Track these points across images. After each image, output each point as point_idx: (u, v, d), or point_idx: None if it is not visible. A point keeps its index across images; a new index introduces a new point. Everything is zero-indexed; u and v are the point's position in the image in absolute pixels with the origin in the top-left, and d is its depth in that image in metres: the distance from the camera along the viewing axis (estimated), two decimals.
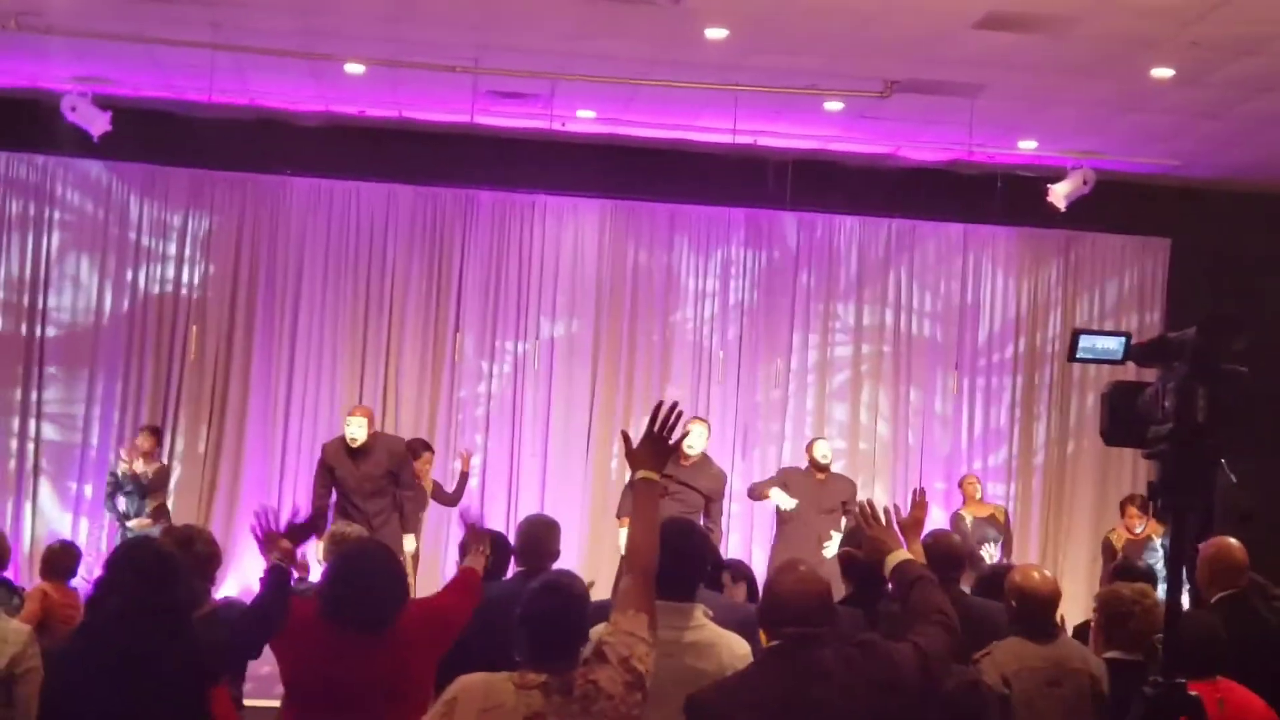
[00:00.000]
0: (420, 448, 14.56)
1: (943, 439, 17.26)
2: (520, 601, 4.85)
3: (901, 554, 5.28)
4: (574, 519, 15.62)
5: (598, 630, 5.57)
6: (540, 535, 7.63)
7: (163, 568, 5.68)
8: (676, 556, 5.62)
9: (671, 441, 5.08)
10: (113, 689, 5.45)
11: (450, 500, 14.59)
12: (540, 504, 15.70)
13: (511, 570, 7.84)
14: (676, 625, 5.51)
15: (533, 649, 4.71)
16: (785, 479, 14.50)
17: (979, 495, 15.45)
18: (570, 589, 4.88)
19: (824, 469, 14.41)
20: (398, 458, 13.45)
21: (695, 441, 13.46)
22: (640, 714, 4.69)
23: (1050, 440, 17.33)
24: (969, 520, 15.02)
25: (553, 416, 16.76)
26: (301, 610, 6.00)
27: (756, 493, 14.56)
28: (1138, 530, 14.28)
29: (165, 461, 15.36)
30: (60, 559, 10.26)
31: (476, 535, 6.92)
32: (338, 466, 13.24)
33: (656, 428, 5.05)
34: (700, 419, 14.27)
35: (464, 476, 14.78)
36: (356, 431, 13.21)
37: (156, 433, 15.08)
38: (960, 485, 15.70)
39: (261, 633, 6.06)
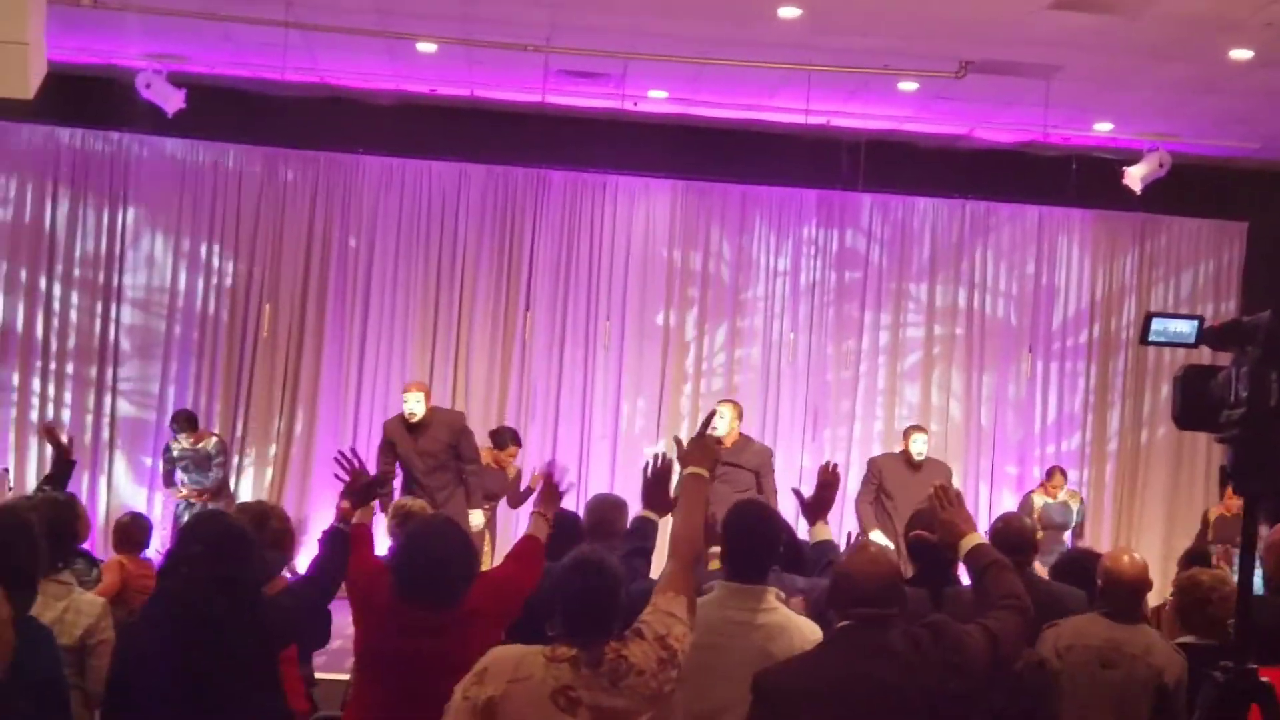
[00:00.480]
0: (508, 439, 14.61)
1: (1016, 423, 17.16)
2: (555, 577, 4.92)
3: (976, 538, 5.25)
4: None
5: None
6: (608, 514, 7.59)
7: (231, 540, 5.72)
8: (748, 538, 5.66)
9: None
10: (179, 659, 5.49)
11: (514, 501, 14.54)
12: (610, 484, 15.70)
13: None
14: (748, 607, 5.53)
15: (564, 623, 4.78)
16: (881, 471, 14.27)
17: (1060, 490, 15.13)
18: (601, 566, 4.91)
19: (917, 466, 14.19)
20: (457, 432, 13.43)
21: (720, 424, 12.78)
22: (672, 690, 4.75)
23: (1124, 426, 17.21)
24: (1039, 503, 14.88)
25: (623, 396, 16.78)
26: (381, 575, 6.04)
27: (863, 527, 14.25)
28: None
29: (219, 434, 15.40)
30: (132, 531, 10.32)
31: (550, 494, 6.90)
32: (398, 442, 13.29)
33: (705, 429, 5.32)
34: (728, 401, 14.00)
35: (528, 491, 14.33)
36: (415, 407, 13.22)
37: (190, 419, 15.03)
38: (1048, 473, 15.42)
39: (321, 595, 6.14)
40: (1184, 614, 6.72)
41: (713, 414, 5.82)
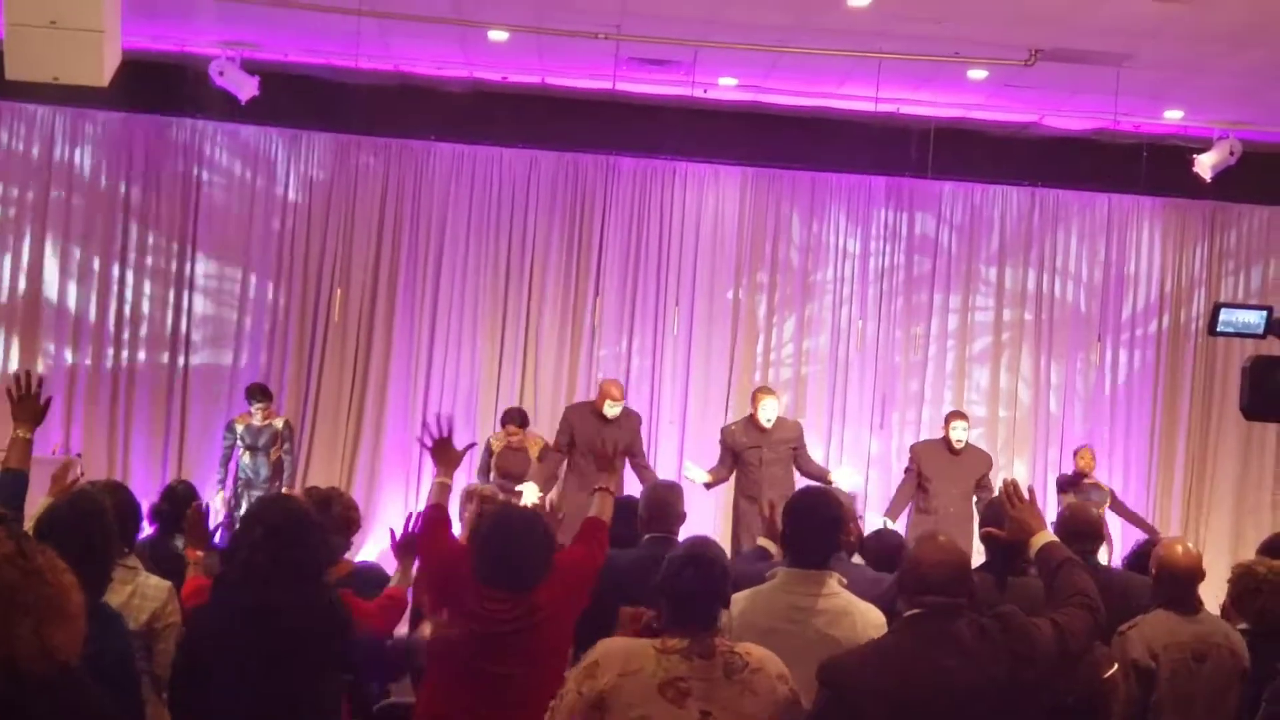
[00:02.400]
0: (514, 419, 14.76)
1: (1084, 411, 17.09)
2: (662, 569, 4.95)
3: (1046, 536, 5.29)
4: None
5: (740, 597, 5.63)
6: (666, 499, 7.62)
7: (294, 525, 5.76)
8: (809, 523, 5.70)
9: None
10: (244, 643, 5.55)
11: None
12: (677, 471, 15.74)
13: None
14: (810, 592, 5.58)
15: (673, 616, 4.81)
16: (920, 457, 14.42)
17: (1090, 468, 15.11)
18: (710, 558, 4.96)
19: (957, 452, 14.29)
20: (635, 430, 14.10)
21: (770, 414, 13.83)
22: (785, 696, 4.77)
23: (1193, 416, 17.11)
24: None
25: (691, 383, 16.80)
26: (462, 559, 6.12)
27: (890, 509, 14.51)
28: None
29: (286, 417, 15.45)
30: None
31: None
32: (580, 429, 13.83)
33: None
34: (767, 390, 14.34)
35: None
36: (616, 410, 13.87)
37: (265, 391, 15.07)
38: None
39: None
40: (1237, 602, 6.74)
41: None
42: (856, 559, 7.73)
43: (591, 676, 4.75)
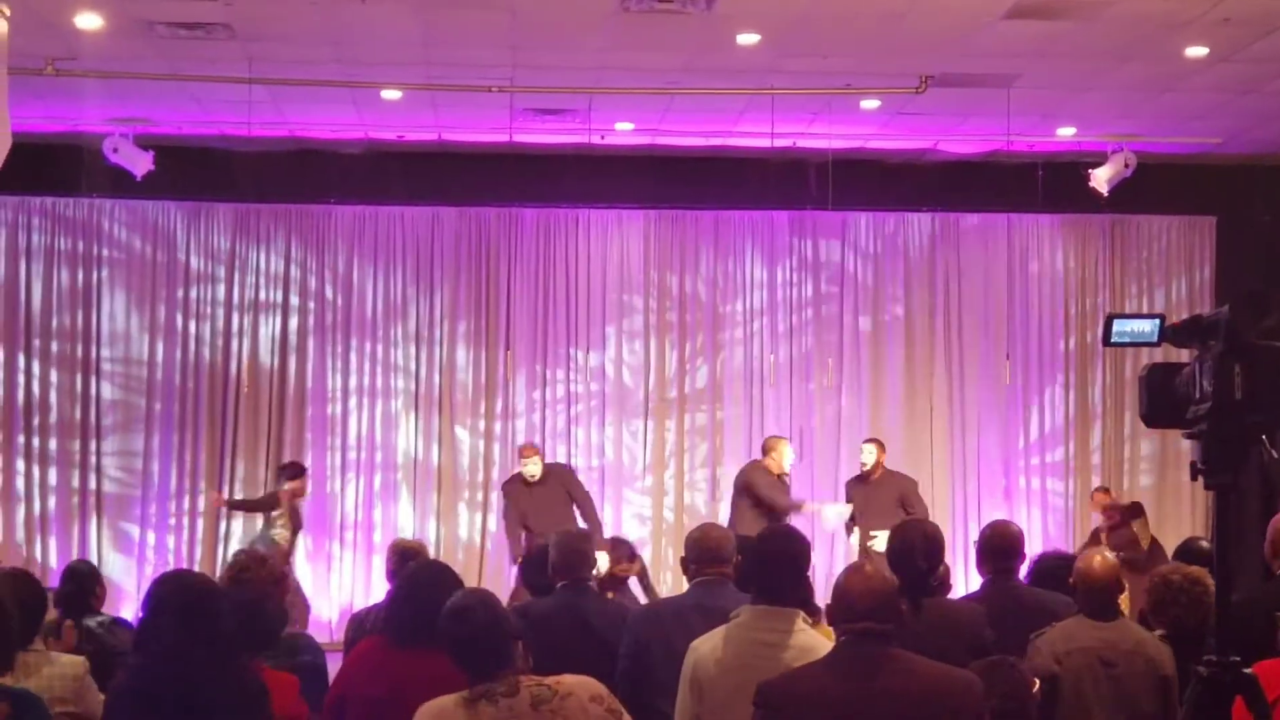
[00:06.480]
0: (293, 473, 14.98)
1: (1000, 430, 17.16)
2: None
3: None
4: (632, 531, 15.67)
5: (708, 637, 5.64)
6: (576, 548, 7.56)
7: (203, 600, 5.70)
8: (779, 563, 5.75)
9: None
10: None
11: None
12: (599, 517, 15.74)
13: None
14: (778, 629, 5.62)
15: (469, 668, 4.78)
16: (847, 490, 14.67)
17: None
18: (473, 605, 4.90)
19: (866, 478, 14.40)
20: (568, 481, 14.43)
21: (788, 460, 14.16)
22: (598, 716, 4.76)
23: (1106, 428, 17.22)
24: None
25: (607, 429, 16.83)
26: (365, 645, 6.08)
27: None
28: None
29: None
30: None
31: None
32: (517, 502, 14.19)
33: None
34: (781, 437, 14.54)
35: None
36: (534, 469, 14.16)
37: None
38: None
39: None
40: (1154, 611, 6.79)
41: None
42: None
43: None
